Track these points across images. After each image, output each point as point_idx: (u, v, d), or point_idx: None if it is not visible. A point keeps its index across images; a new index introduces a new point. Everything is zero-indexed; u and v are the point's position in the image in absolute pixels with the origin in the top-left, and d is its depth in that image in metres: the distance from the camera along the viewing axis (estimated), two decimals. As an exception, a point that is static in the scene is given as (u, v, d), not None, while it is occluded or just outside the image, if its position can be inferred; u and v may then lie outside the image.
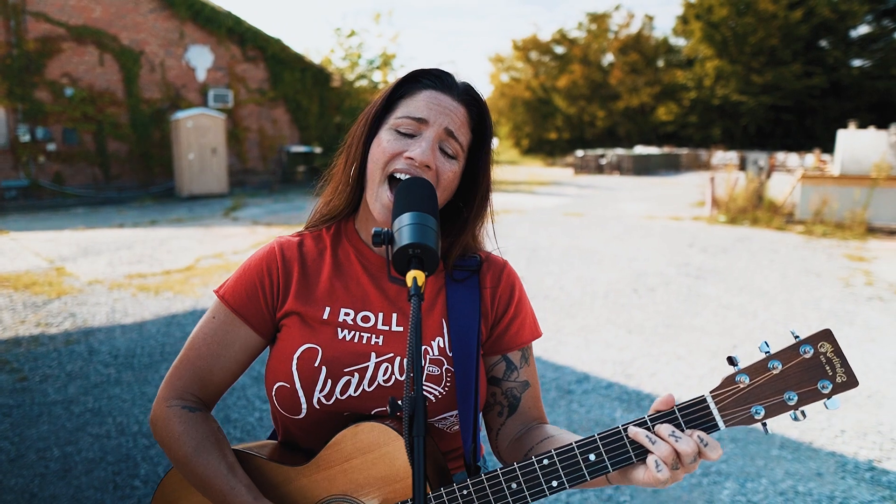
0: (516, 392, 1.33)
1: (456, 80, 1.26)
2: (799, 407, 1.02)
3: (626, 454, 1.05)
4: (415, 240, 1.00)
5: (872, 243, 12.09)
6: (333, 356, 1.22)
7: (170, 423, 1.24)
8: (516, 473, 1.08)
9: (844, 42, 51.26)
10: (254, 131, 20.53)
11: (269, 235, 11.41)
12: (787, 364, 1.02)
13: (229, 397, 4.55)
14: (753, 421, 1.03)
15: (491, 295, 1.33)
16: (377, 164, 1.21)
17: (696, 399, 1.05)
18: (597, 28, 58.15)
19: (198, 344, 1.29)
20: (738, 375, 1.04)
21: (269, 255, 1.32)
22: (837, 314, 7.04)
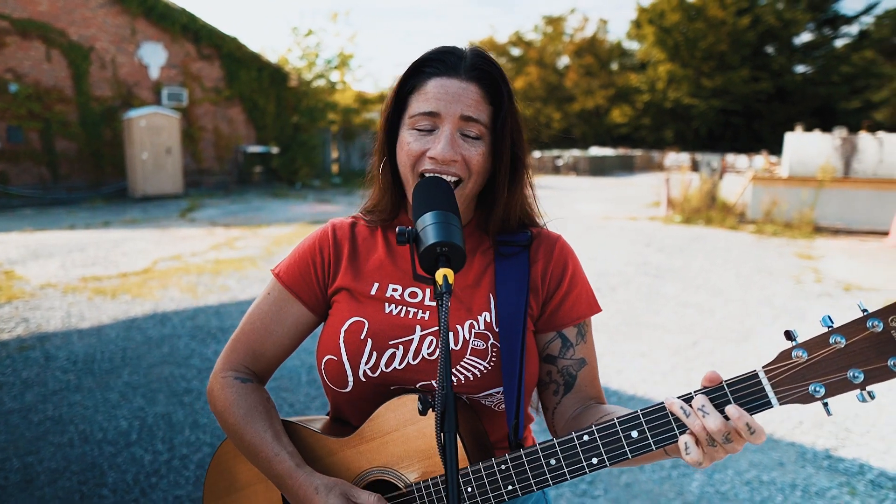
0: (572, 370, 1.31)
1: (460, 58, 1.21)
2: (866, 386, 0.92)
3: (671, 431, 1.01)
4: (441, 238, 1.02)
5: (819, 242, 12.57)
6: (379, 329, 1.25)
7: (223, 392, 1.30)
8: (556, 449, 1.07)
9: (788, 49, 53.13)
10: (209, 131, 20.13)
11: (228, 237, 11.22)
12: (853, 339, 0.92)
13: (197, 402, 4.46)
14: (812, 399, 0.95)
15: (542, 270, 1.31)
16: (406, 166, 1.23)
17: (747, 374, 0.99)
18: (553, 31, 58.89)
19: (253, 319, 1.35)
20: (794, 350, 0.95)
21: (322, 235, 1.37)
22: (790, 311, 7.30)
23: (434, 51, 1.23)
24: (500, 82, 1.22)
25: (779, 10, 50.70)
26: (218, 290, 7.47)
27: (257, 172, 21.39)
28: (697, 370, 5.36)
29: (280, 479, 1.20)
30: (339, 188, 21.60)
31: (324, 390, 1.38)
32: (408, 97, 1.23)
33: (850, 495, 3.51)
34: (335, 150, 25.38)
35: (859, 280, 8.97)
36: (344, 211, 15.46)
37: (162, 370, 5.03)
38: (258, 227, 12.49)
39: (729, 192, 16.92)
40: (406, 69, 1.24)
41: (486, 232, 1.32)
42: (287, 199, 17.80)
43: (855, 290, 8.33)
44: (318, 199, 18.20)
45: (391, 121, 1.26)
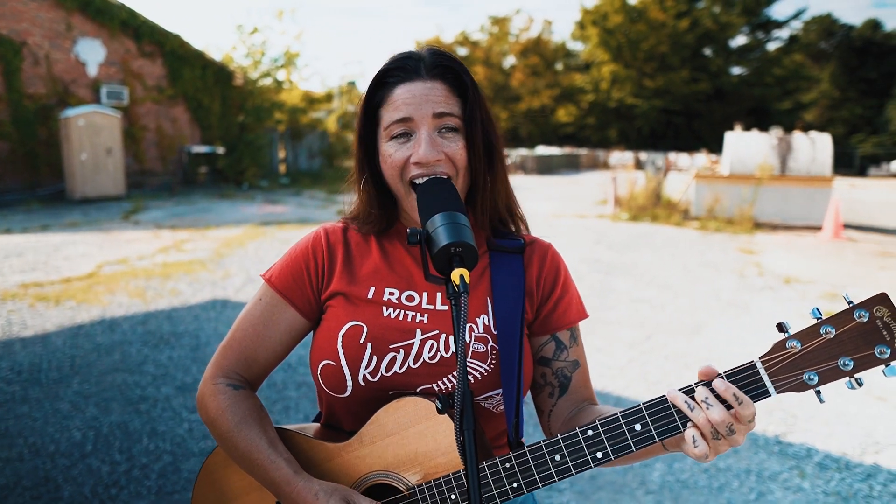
0: (566, 372, 1.34)
1: (419, 60, 1.23)
2: (855, 373, 0.98)
3: (673, 423, 1.03)
4: (454, 239, 1.03)
5: (759, 237, 13.08)
6: (378, 333, 1.24)
7: (214, 399, 1.27)
8: (560, 445, 1.08)
9: (725, 51, 55.04)
10: (152, 130, 19.53)
11: (176, 239, 10.92)
12: (841, 329, 0.97)
13: (154, 409, 4.34)
14: (807, 387, 1.00)
15: (537, 275, 1.35)
16: (394, 178, 1.23)
17: (745, 365, 1.03)
18: (498, 31, 59.41)
19: (244, 325, 1.33)
20: (789, 341, 1.00)
21: (315, 239, 1.35)
22: (736, 304, 7.58)
23: (392, 60, 1.24)
24: (462, 74, 1.23)
25: (715, 14, 52.46)
26: (168, 294, 7.28)
27: (203, 173, 20.88)
28: (653, 363, 5.52)
29: (277, 486, 1.18)
30: (287, 189, 21.27)
31: (318, 396, 1.37)
32: (377, 111, 1.24)
33: (800, 477, 3.68)
34: (283, 150, 25.00)
35: (798, 273, 9.38)
36: (293, 212, 15.26)
37: (114, 378, 4.88)
38: (206, 228, 12.20)
39: (673, 189, 17.44)
40: (370, 83, 1.25)
41: (482, 229, 1.34)
42: (235, 200, 17.44)
43: (794, 283, 8.71)
44: (267, 199, 17.90)
45: (365, 137, 1.27)
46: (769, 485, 3.59)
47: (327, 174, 25.13)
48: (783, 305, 7.56)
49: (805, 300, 7.80)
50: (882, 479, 3.70)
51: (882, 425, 4.40)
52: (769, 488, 3.56)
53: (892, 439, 4.20)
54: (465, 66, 1.26)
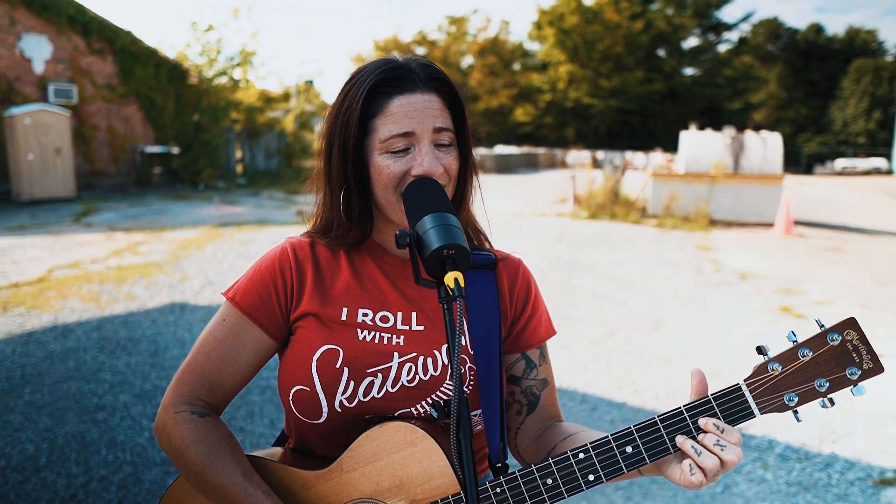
0: (536, 390, 1.33)
1: (412, 71, 1.19)
2: (829, 394, 1.04)
3: (664, 445, 1.06)
4: (446, 241, 0.99)
5: (715, 234, 13.40)
6: (355, 357, 1.19)
7: (179, 429, 1.18)
8: (552, 469, 1.08)
9: (678, 52, 56.33)
10: (103, 130, 18.93)
11: (130, 242, 10.61)
12: (817, 352, 1.04)
13: (112, 418, 4.20)
14: (787, 408, 1.05)
15: (509, 293, 1.33)
16: (387, 189, 1.18)
17: (731, 388, 1.06)
18: (456, 31, 59.51)
19: (207, 348, 1.24)
20: (770, 364, 1.06)
21: (282, 255, 1.27)
22: (694, 299, 7.74)
23: (382, 70, 1.18)
24: (455, 89, 1.22)
25: (668, 16, 53.62)
26: (124, 299, 7.06)
27: (157, 174, 20.35)
28: (616, 360, 5.59)
29: None
30: (244, 189, 20.90)
31: (287, 421, 1.30)
32: (368, 121, 1.18)
33: (763, 469, 3.77)
34: (239, 150, 24.55)
35: (753, 269, 9.63)
36: (252, 213, 15.00)
37: (69, 386, 4.70)
38: (162, 230, 11.89)
39: (630, 188, 17.73)
40: (360, 93, 1.17)
41: None
42: (191, 202, 17.05)
43: (750, 279, 8.94)
44: (224, 200, 17.55)
45: (353, 147, 1.19)
46: (734, 477, 3.66)
47: (285, 174, 24.78)
48: (740, 300, 7.75)
49: (761, 295, 8.01)
50: (839, 468, 3.81)
51: (837, 416, 4.54)
52: (734, 480, 3.63)
53: (846, 429, 4.34)
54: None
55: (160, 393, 4.62)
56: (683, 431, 1.06)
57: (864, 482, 3.66)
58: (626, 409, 4.62)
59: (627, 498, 3.43)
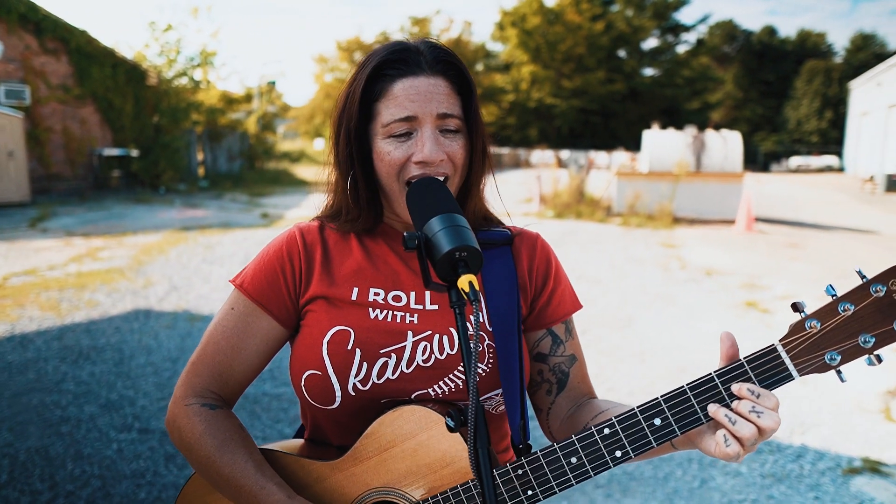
0: (564, 367, 1.28)
1: (418, 53, 1.15)
2: (875, 350, 0.94)
3: (695, 415, 0.98)
4: (458, 243, 0.96)
5: (679, 231, 13.62)
6: (367, 337, 1.15)
7: (190, 422, 1.16)
8: (576, 447, 1.02)
9: (638, 53, 57.30)
10: (58, 132, 18.37)
11: (90, 247, 10.31)
12: (860, 305, 0.94)
13: (77, 430, 4.05)
14: (829, 368, 0.96)
15: (528, 268, 1.29)
16: (389, 176, 1.15)
17: (765, 349, 0.98)
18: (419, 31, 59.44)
19: (216, 338, 1.21)
20: (807, 321, 0.96)
21: (290, 240, 1.24)
22: (662, 296, 7.84)
23: (388, 51, 1.15)
24: (464, 71, 1.18)
25: (628, 17, 54.49)
26: (85, 306, 6.84)
27: (116, 177, 19.84)
28: (590, 358, 5.61)
29: None
30: (207, 192, 20.53)
31: (301, 409, 1.27)
32: (372, 105, 1.15)
33: (738, 462, 3.82)
34: (201, 152, 24.12)
35: (717, 265, 9.82)
36: (215, 216, 14.73)
37: (30, 399, 4.52)
38: (123, 235, 11.59)
39: (595, 187, 17.94)
40: (364, 75, 1.14)
41: None
42: (152, 205, 16.67)
43: (716, 275, 9.10)
44: (187, 203, 17.20)
45: (357, 130, 1.16)
46: (710, 471, 3.71)
47: (248, 176, 24.44)
48: (707, 296, 7.88)
49: (726, 291, 8.17)
50: (810, 459, 3.89)
51: (805, 407, 4.64)
52: (710, 475, 3.68)
53: (815, 419, 4.44)
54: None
55: (127, 403, 4.48)
56: (716, 399, 0.97)
57: (834, 472, 3.74)
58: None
59: (607, 496, 3.44)
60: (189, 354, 5.55)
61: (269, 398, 4.57)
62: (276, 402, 4.53)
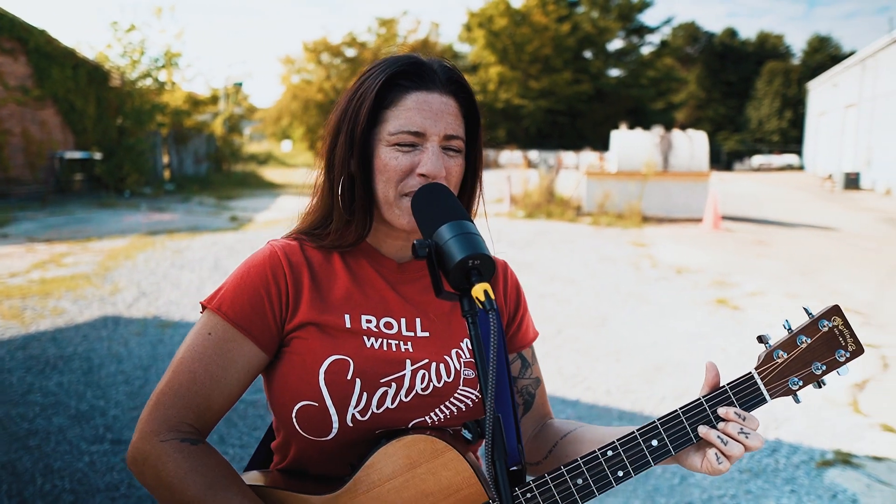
0: (531, 389, 1.34)
1: (433, 70, 1.16)
2: (822, 376, 1.14)
3: (687, 436, 1.10)
4: (471, 251, 0.93)
5: (648, 230, 13.80)
6: (367, 367, 1.12)
7: (170, 459, 1.05)
8: (581, 469, 1.08)
9: (604, 54, 58.01)
10: (17, 135, 17.84)
11: (53, 253, 10.04)
12: (813, 338, 1.14)
13: (46, 444, 3.93)
14: (791, 392, 1.13)
15: (502, 293, 1.32)
16: (388, 184, 1.13)
17: (744, 377, 1.13)
18: (386, 32, 59.25)
19: (191, 365, 1.11)
20: (775, 352, 1.14)
21: (273, 260, 1.17)
22: (635, 295, 7.93)
23: (404, 62, 1.15)
24: (472, 95, 1.20)
25: (594, 19, 55.14)
26: (50, 314, 6.65)
27: (78, 181, 19.37)
28: (566, 357, 5.65)
29: None
30: (173, 195, 20.17)
31: (280, 440, 1.21)
32: (380, 111, 1.14)
33: (715, 459, 3.87)
34: (166, 154, 23.68)
35: (687, 263, 9.97)
36: (183, 220, 14.48)
37: (-5, 411, 4.38)
38: (87, 240, 11.31)
39: (564, 187, 18.07)
40: (379, 81, 1.13)
41: None
42: (117, 209, 16.31)
43: (686, 273, 9.24)
44: (153, 207, 16.87)
45: (361, 134, 1.14)
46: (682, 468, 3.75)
47: (215, 179, 24.09)
48: (678, 294, 7.99)
49: (697, 289, 8.30)
50: (785, 453, 3.97)
51: (778, 402, 4.73)
52: (690, 472, 3.72)
53: (787, 414, 4.53)
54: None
55: (98, 413, 4.36)
56: (704, 421, 1.10)
57: (808, 465, 3.82)
58: (580, 406, 4.67)
59: (590, 495, 3.46)
60: (162, 361, 5.44)
61: (244, 405, 4.50)
62: (251, 408, 4.46)
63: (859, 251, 11.84)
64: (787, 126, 57.74)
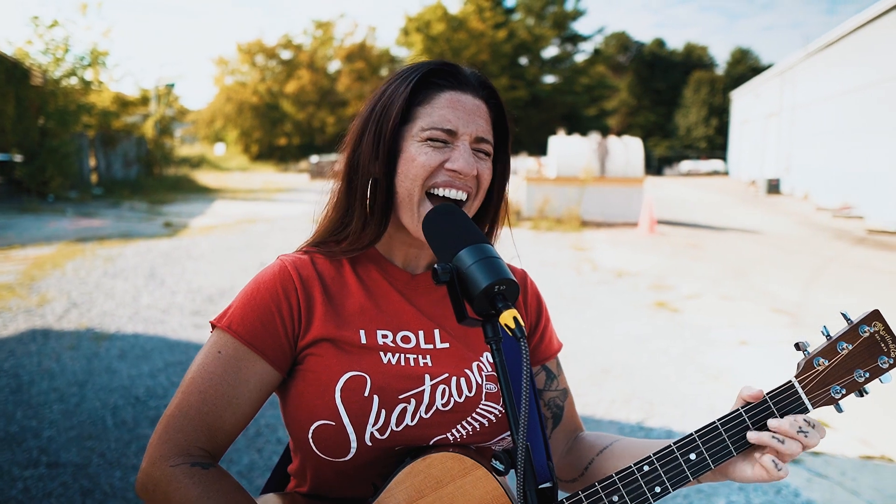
0: (559, 401, 1.30)
1: (467, 74, 1.17)
2: (866, 384, 1.08)
3: (727, 449, 1.06)
4: (495, 277, 0.91)
5: (587, 234, 14.11)
6: (384, 383, 1.08)
7: (181, 486, 1.00)
8: (617, 486, 1.04)
9: (539, 61, 59.08)
10: (-73, 136, 16.76)
11: (-29, 262, 9.43)
12: (854, 344, 1.08)
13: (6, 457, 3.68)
14: (834, 401, 1.08)
15: (523, 303, 1.30)
16: (415, 181, 1.11)
17: (784, 386, 1.08)
18: (323, 35, 58.62)
19: (202, 386, 1.07)
20: (815, 359, 1.09)
21: (283, 276, 1.14)
22: (578, 299, 8.08)
23: (438, 63, 1.17)
24: (503, 105, 1.20)
25: (529, 26, 56.15)
26: (-29, 328, 6.25)
27: (-4, 185, 18.30)
28: (516, 363, 5.69)
29: None
30: (102, 200, 19.32)
31: (297, 462, 1.17)
32: (412, 108, 1.14)
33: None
34: (93, 157, 22.66)
35: (626, 267, 10.24)
36: (114, 226, 13.88)
37: (-85, 435, 4.06)
38: (9, 248, 10.69)
39: (505, 192, 18.28)
40: (414, 78, 1.13)
41: None
42: (41, 215, 15.48)
43: (625, 276, 9.49)
44: (80, 213, 16.10)
45: (390, 131, 1.12)
46: (641, 469, 3.84)
47: (147, 183, 23.22)
48: (619, 297, 8.19)
49: (637, 292, 8.53)
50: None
51: (720, 400, 4.90)
52: (642, 473, 3.80)
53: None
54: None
55: (31, 435, 4.11)
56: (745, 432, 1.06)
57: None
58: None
59: (548, 500, 3.49)
60: (98, 376, 5.18)
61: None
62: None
63: (784, 253, 12.45)
64: (713, 133, 60.30)
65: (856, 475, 3.82)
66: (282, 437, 4.14)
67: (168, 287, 8.08)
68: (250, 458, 3.85)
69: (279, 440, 4.10)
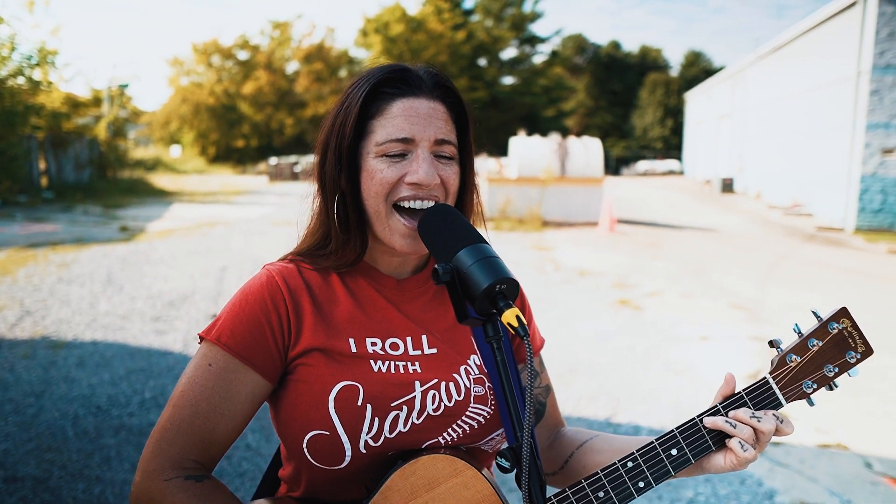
0: (542, 398, 1.32)
1: (420, 76, 1.14)
2: (835, 378, 1.14)
3: (706, 443, 1.10)
4: (496, 276, 0.92)
5: (549, 234, 14.27)
6: (376, 391, 1.09)
7: (175, 499, 1.01)
8: (602, 481, 1.07)
9: (498, 62, 59.50)
10: None
11: (-85, 270, 9.04)
12: (824, 340, 1.14)
13: (-73, 484, 3.53)
14: (806, 395, 1.14)
15: None
16: (378, 197, 1.10)
17: (759, 382, 1.13)
18: (280, 36, 57.92)
19: (193, 399, 1.07)
20: (788, 356, 1.14)
21: (271, 287, 1.13)
22: (542, 299, 8.17)
23: (388, 70, 1.12)
24: (463, 101, 1.18)
25: (488, 27, 56.50)
26: (-82, 339, 5.99)
27: (-62, 189, 17.59)
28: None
29: None
30: (53, 204, 18.72)
31: (291, 470, 1.17)
32: (367, 122, 1.11)
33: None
34: (43, 160, 21.95)
35: (589, 266, 10.39)
36: (67, 231, 13.47)
37: None
38: (-43, 256, 10.29)
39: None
40: (363, 91, 1.10)
41: None
42: (-14, 220, 14.94)
43: (588, 275, 9.63)
44: (30, 217, 15.58)
45: (348, 149, 1.11)
46: (611, 465, 3.91)
47: (100, 186, 22.60)
48: (583, 296, 8.31)
49: (600, 290, 8.66)
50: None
51: (684, 395, 5.02)
52: (611, 468, 3.87)
53: (693, 406, 4.81)
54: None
55: (-13, 447, 3.97)
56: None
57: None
58: (502, 410, 4.75)
59: (520, 498, 3.52)
60: (56, 386, 5.02)
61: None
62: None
63: (739, 250, 12.81)
64: (668, 134, 61.59)
65: (814, 463, 3.96)
66: (251, 444, 4.08)
67: (127, 293, 7.88)
68: (219, 466, 3.79)
69: (248, 446, 4.04)
